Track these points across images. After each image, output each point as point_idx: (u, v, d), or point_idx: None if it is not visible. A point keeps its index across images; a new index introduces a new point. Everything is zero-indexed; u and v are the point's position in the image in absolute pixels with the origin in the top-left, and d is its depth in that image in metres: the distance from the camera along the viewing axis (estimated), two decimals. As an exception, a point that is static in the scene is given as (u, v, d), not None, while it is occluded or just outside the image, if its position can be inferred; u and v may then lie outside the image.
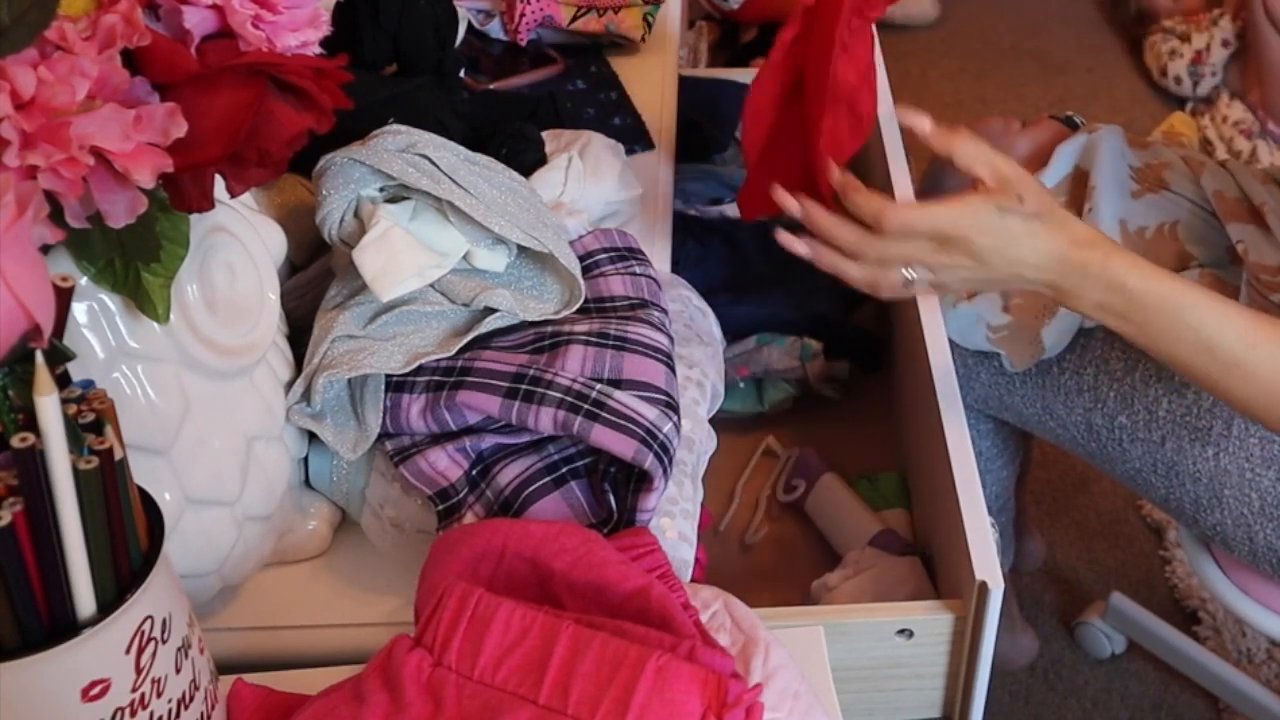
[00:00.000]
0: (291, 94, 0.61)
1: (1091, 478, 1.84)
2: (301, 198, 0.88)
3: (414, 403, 0.72)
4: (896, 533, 1.09)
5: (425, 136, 0.77)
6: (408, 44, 1.02)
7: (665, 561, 0.65)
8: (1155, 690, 1.56)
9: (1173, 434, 1.07)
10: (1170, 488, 1.09)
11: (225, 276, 0.68)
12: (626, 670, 0.53)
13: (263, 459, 0.71)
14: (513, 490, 0.71)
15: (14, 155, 0.49)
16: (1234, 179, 1.16)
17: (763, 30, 2.88)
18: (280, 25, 0.61)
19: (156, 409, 0.63)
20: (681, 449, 0.74)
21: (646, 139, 1.15)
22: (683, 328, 0.86)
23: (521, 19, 1.23)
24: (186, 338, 0.64)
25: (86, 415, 0.50)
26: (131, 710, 0.52)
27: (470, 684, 0.55)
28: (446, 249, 0.76)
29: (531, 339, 0.76)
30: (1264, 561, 1.07)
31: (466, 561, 0.62)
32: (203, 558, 0.68)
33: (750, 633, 0.64)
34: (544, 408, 0.70)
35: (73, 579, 0.49)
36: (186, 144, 0.54)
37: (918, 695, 0.89)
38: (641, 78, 1.23)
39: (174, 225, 0.61)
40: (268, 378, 0.72)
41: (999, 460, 1.32)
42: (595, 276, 0.83)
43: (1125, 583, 1.69)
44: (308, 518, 0.77)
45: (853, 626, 0.82)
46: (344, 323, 0.74)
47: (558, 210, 0.90)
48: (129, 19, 0.54)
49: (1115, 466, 1.13)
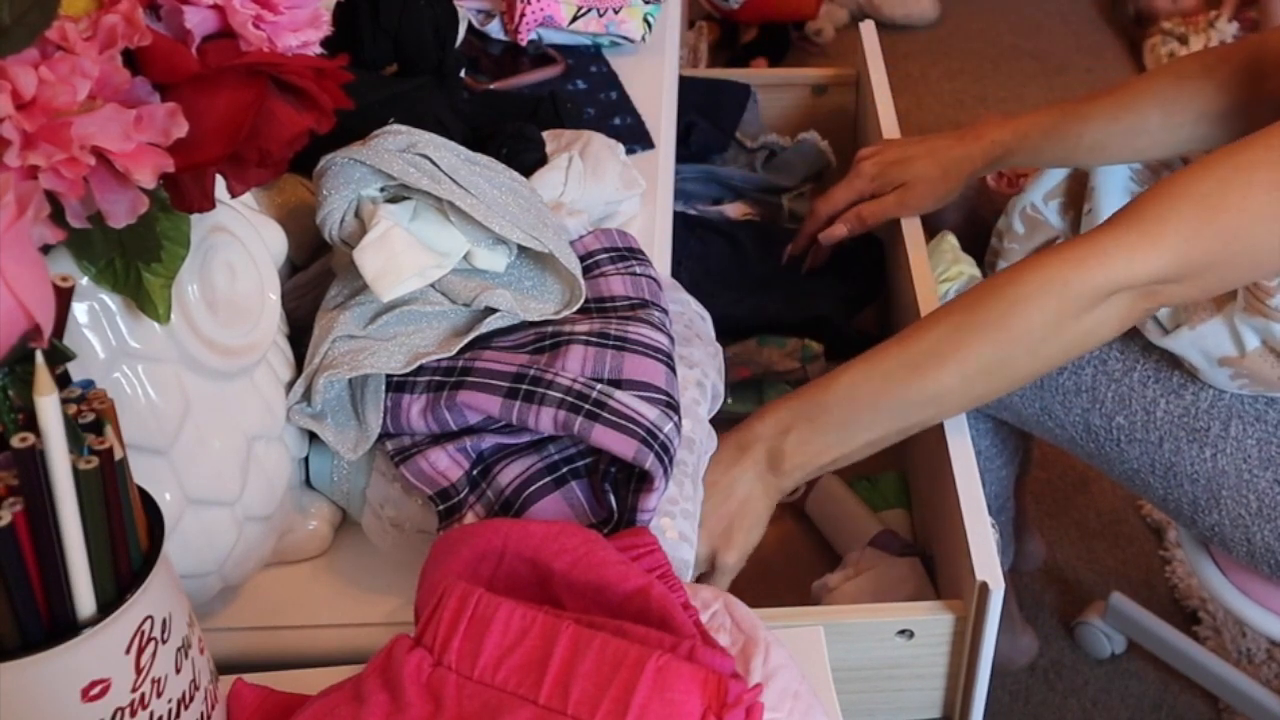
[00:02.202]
0: (292, 94, 0.61)
1: (1091, 478, 1.84)
2: (302, 198, 0.88)
3: (414, 403, 0.72)
4: (896, 533, 1.09)
5: (426, 136, 0.77)
6: (408, 44, 1.02)
7: (665, 561, 0.65)
8: (1155, 690, 1.56)
9: (1170, 435, 1.07)
10: (1168, 489, 1.09)
11: (226, 276, 0.68)
12: (626, 670, 0.53)
13: (263, 459, 0.71)
14: (513, 490, 0.71)
15: (15, 155, 0.49)
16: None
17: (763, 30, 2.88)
18: (281, 25, 0.61)
19: (157, 409, 0.63)
20: (682, 449, 0.74)
21: (646, 139, 1.15)
22: (683, 328, 0.86)
23: (522, 19, 1.23)
24: (187, 338, 0.64)
25: (86, 415, 0.50)
26: (131, 710, 0.52)
27: (470, 684, 0.55)
28: (447, 249, 0.76)
29: (532, 339, 0.76)
30: (1262, 562, 1.07)
31: (466, 561, 0.62)
32: (203, 558, 0.68)
33: (750, 633, 0.64)
34: (544, 408, 0.70)
35: (73, 579, 0.49)
36: (187, 144, 0.54)
37: (918, 695, 0.89)
38: (641, 78, 1.23)
39: (175, 225, 0.61)
40: (268, 378, 0.72)
41: (999, 460, 1.32)
42: (596, 276, 0.83)
43: (1125, 583, 1.69)
44: (308, 518, 0.77)
45: (853, 627, 0.82)
46: (344, 323, 0.74)
47: (558, 210, 0.90)
48: (130, 19, 0.54)
49: (1113, 467, 1.13)
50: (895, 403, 0.86)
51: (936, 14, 3.21)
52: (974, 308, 0.86)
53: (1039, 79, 2.95)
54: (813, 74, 1.53)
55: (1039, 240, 1.23)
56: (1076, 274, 0.83)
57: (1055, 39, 3.12)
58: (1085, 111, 1.12)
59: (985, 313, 0.85)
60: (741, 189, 1.39)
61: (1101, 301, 0.84)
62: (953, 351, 0.85)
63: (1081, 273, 0.83)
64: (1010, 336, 0.85)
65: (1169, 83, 1.10)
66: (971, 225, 1.33)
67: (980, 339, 0.85)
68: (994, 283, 0.87)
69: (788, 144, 1.44)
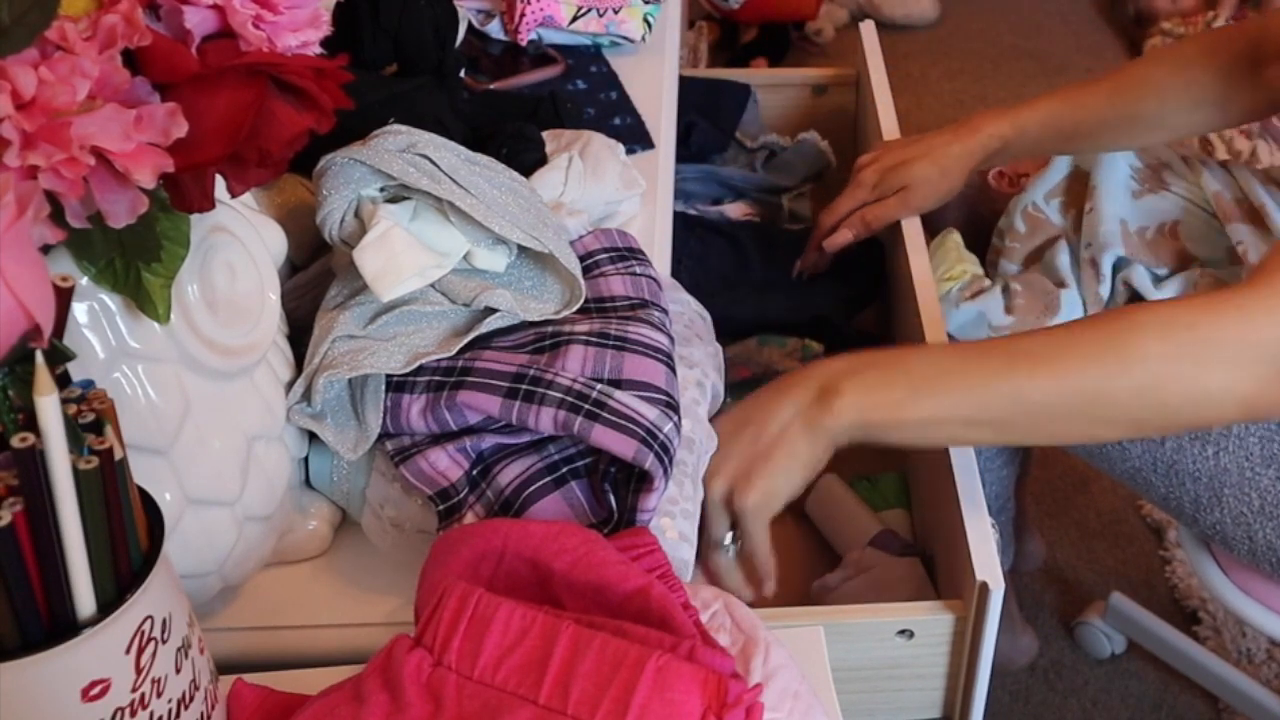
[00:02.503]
0: (292, 94, 0.61)
1: (1091, 478, 1.84)
2: (302, 198, 0.88)
3: (414, 403, 0.72)
4: (896, 533, 1.09)
5: (426, 136, 0.77)
6: (408, 44, 1.02)
7: (665, 561, 0.65)
8: (1155, 690, 1.56)
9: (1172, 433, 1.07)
10: (1170, 487, 1.09)
11: (226, 276, 0.68)
12: (626, 670, 0.53)
13: (263, 459, 0.71)
14: (513, 490, 0.71)
15: (14, 155, 0.49)
16: (1234, 179, 1.16)
17: (763, 30, 2.88)
18: (281, 25, 0.61)
19: (157, 409, 0.63)
20: (682, 449, 0.74)
21: (646, 139, 1.15)
22: (683, 328, 0.86)
23: (522, 19, 1.23)
24: (187, 338, 0.64)
25: (86, 415, 0.50)
26: (131, 710, 0.52)
27: (470, 684, 0.55)
28: (447, 249, 0.76)
29: (532, 339, 0.76)
30: (1264, 561, 1.07)
31: (466, 561, 0.62)
32: (203, 558, 0.68)
33: (750, 633, 0.64)
34: (544, 408, 0.70)
35: (73, 579, 0.49)
36: (187, 144, 0.54)
37: (918, 695, 0.89)
38: (641, 78, 1.23)
39: (174, 225, 0.61)
40: (268, 378, 0.72)
41: (999, 460, 1.32)
42: (595, 276, 0.83)
43: (1125, 583, 1.69)
44: (308, 518, 0.77)
45: (853, 627, 0.82)
46: (344, 323, 0.74)
47: (558, 210, 0.90)
48: (130, 19, 0.54)
49: (1115, 465, 1.13)
50: (975, 385, 0.78)
51: (936, 14, 3.21)
52: (1095, 322, 0.79)
53: (1039, 79, 2.95)
54: (813, 74, 1.53)
55: (1040, 239, 1.23)
56: (1205, 318, 0.75)
57: (1055, 39, 3.12)
58: (1082, 101, 1.12)
59: (1103, 329, 0.77)
60: (741, 189, 1.39)
61: (1230, 362, 0.74)
62: (1055, 357, 0.77)
63: (1210, 318, 0.75)
64: (1118, 360, 0.75)
65: (1166, 71, 1.10)
66: (973, 225, 1.33)
67: (1085, 353, 0.76)
68: (1124, 309, 0.78)
69: (788, 144, 1.44)
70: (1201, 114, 1.09)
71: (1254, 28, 1.07)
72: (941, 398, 0.78)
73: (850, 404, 0.78)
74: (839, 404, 0.78)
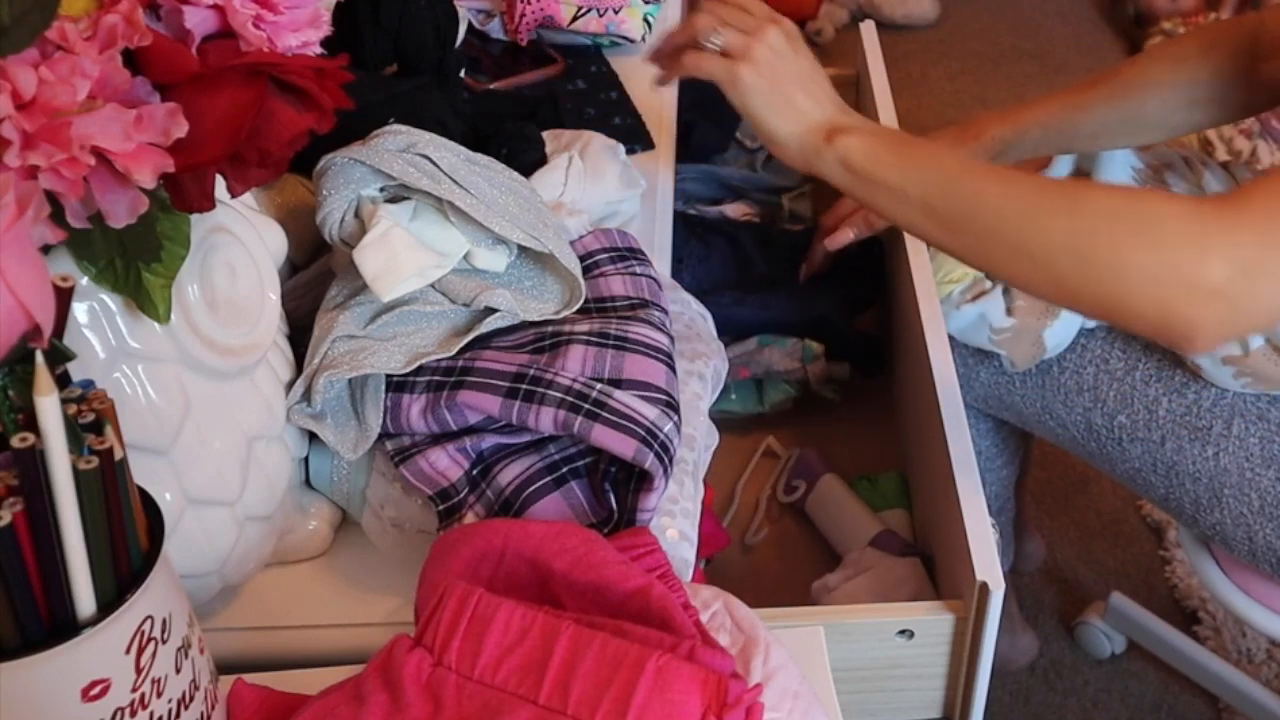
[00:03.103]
0: (292, 94, 0.61)
1: (1091, 478, 1.84)
2: (302, 198, 0.88)
3: (414, 403, 0.72)
4: (896, 533, 1.09)
5: (426, 136, 0.77)
6: (408, 44, 1.02)
7: (665, 561, 0.65)
8: (1155, 690, 1.56)
9: (1172, 433, 1.07)
10: (1170, 487, 1.09)
11: (226, 276, 0.68)
12: (626, 670, 0.53)
13: (263, 459, 0.71)
14: (513, 490, 0.71)
15: (15, 155, 0.49)
16: (1235, 179, 1.16)
17: (763, 30, 2.88)
18: (281, 25, 0.61)
19: (157, 409, 0.63)
20: (682, 448, 0.74)
21: (646, 139, 1.15)
22: (683, 328, 0.86)
23: (522, 19, 1.23)
24: (187, 338, 0.64)
25: (86, 415, 0.50)
26: (131, 710, 0.52)
27: (470, 684, 0.55)
28: (447, 249, 0.76)
29: (532, 339, 0.76)
30: (1264, 561, 1.07)
31: (466, 561, 0.62)
32: (203, 558, 0.68)
33: (750, 633, 0.64)
34: (544, 407, 0.70)
35: (73, 579, 0.49)
36: (187, 144, 0.54)
37: (918, 695, 0.89)
38: (641, 78, 1.23)
39: (175, 225, 0.61)
40: (268, 378, 0.72)
41: (999, 460, 1.32)
42: (596, 276, 0.83)
43: (1125, 583, 1.69)
44: (308, 518, 0.77)
45: (853, 627, 0.82)
46: (344, 323, 0.74)
47: (558, 210, 0.90)
48: (130, 19, 0.54)
49: (1115, 466, 1.13)
50: (949, 175, 0.82)
51: (936, 14, 3.21)
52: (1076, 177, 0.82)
53: (1039, 79, 2.95)
54: (813, 74, 1.53)
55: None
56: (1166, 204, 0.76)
57: (1055, 39, 3.12)
58: (1082, 101, 1.12)
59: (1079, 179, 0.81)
60: (742, 189, 1.39)
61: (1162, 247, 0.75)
62: (1023, 181, 0.80)
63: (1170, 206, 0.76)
64: (1070, 198, 0.78)
65: (1165, 69, 1.10)
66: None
67: (1048, 186, 0.80)
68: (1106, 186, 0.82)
69: (788, 144, 1.44)
70: (1201, 110, 1.09)
71: (1251, 23, 1.07)
72: (917, 172, 0.84)
73: (851, 144, 0.87)
74: (842, 138, 0.87)
